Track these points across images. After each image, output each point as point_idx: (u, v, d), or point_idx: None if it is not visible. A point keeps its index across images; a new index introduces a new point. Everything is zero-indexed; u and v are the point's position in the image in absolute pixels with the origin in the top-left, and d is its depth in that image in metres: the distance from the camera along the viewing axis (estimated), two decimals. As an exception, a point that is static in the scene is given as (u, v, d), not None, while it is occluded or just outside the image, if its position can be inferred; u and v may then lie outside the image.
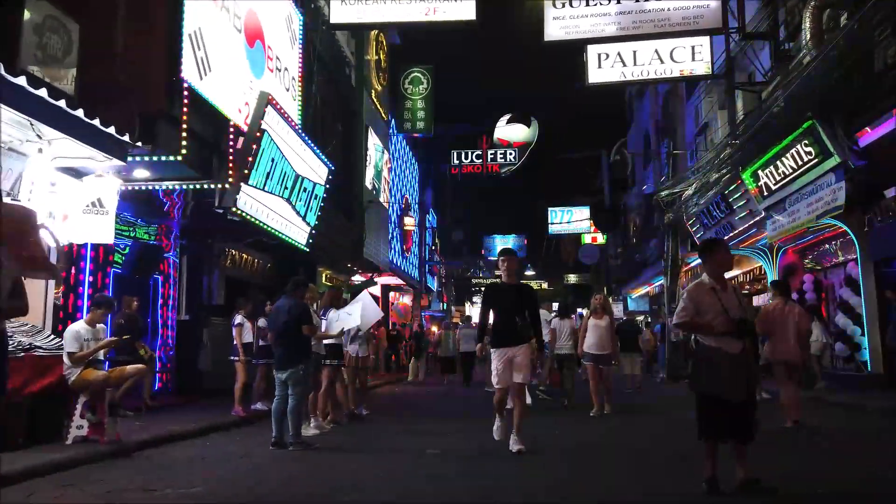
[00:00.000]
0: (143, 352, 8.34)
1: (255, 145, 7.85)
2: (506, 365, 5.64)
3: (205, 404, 9.50)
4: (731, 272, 17.01)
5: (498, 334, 5.78)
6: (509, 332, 5.71)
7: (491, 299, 5.98)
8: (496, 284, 6.15)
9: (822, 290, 13.12)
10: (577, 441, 6.48)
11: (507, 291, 5.85)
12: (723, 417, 3.97)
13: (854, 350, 11.58)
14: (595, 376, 8.42)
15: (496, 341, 5.77)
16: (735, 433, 3.98)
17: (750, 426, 4.00)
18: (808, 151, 9.79)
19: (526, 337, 5.73)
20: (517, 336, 5.71)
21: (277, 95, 9.20)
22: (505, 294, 5.84)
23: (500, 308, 5.81)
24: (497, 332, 5.80)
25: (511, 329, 5.71)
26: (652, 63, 13.22)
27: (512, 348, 5.67)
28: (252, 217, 8.24)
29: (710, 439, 4.04)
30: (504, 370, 5.66)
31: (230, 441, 6.89)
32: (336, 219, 14.49)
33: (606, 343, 8.53)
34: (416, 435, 7.11)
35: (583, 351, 8.65)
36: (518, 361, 5.62)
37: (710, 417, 4.01)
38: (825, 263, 12.92)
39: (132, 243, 10.32)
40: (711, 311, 4.05)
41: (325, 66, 13.71)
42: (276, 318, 6.08)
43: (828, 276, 13.05)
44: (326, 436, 7.03)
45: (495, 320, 5.86)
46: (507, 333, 5.72)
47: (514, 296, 5.81)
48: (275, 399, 6.15)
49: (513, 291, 5.84)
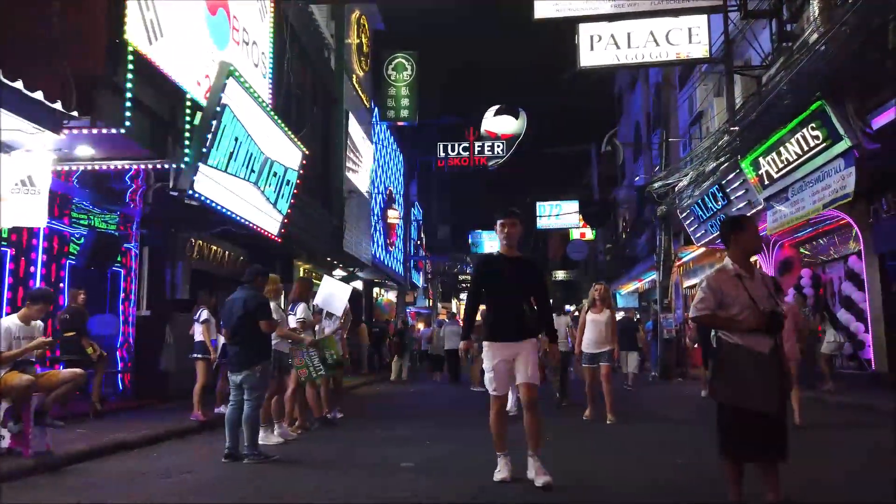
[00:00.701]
0: (90, 350, 7.54)
1: (214, 121, 7.06)
2: (504, 366, 4.30)
3: (165, 408, 8.76)
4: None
5: (494, 325, 4.39)
6: (509, 321, 4.33)
7: (483, 278, 4.52)
8: (491, 258, 4.70)
9: (821, 286, 12.60)
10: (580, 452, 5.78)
11: (507, 267, 4.40)
12: (750, 432, 3.28)
13: (858, 348, 11.06)
14: (592, 378, 7.56)
15: (491, 333, 4.37)
16: (765, 452, 3.30)
17: (784, 442, 3.32)
18: (815, 136, 9.17)
19: (533, 329, 4.41)
20: (520, 328, 4.32)
21: (244, 70, 8.41)
22: (503, 271, 4.40)
23: (496, 290, 4.43)
24: (492, 322, 4.42)
25: (511, 318, 4.33)
26: (647, 46, 12.55)
27: (513, 344, 4.29)
28: (213, 201, 7.43)
29: (734, 459, 3.35)
30: (502, 372, 4.31)
31: (182, 451, 6.14)
32: (314, 209, 13.70)
33: (606, 340, 7.54)
34: (392, 444, 6.39)
35: (580, 350, 7.65)
36: (522, 354, 4.29)
37: (735, 432, 3.32)
38: (825, 257, 12.39)
39: (88, 232, 9.54)
40: (737, 303, 3.37)
41: (302, 47, 12.90)
42: (230, 313, 5.32)
43: (826, 271, 12.53)
44: (291, 445, 6.29)
45: (489, 307, 4.53)
46: (506, 324, 4.33)
47: (516, 273, 4.39)
48: (229, 405, 5.40)
49: (514, 267, 4.41)
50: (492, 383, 4.36)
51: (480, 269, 4.67)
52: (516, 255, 4.52)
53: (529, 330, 4.38)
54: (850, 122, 8.36)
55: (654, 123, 21.05)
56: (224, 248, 11.75)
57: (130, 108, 6.01)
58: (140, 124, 6.60)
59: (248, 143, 8.11)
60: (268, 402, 6.37)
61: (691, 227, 14.93)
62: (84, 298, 7.85)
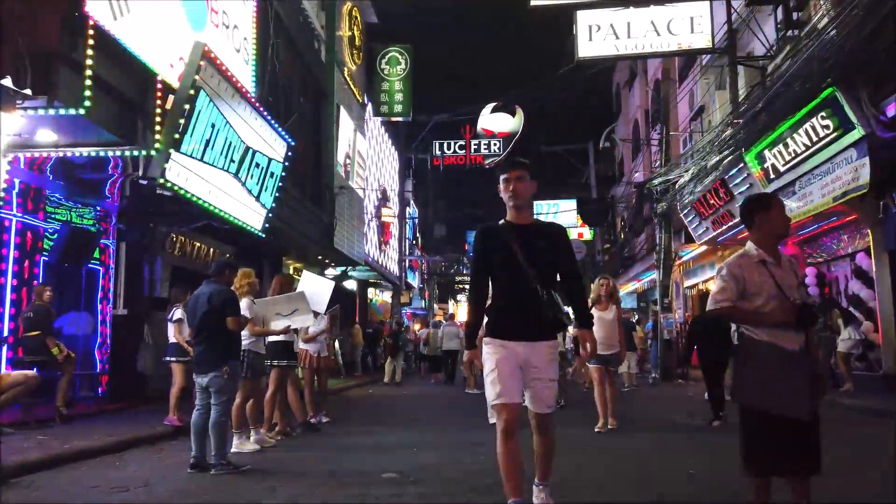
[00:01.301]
0: (56, 350, 7.05)
1: (187, 105, 6.59)
2: (513, 368, 3.11)
3: (142, 412, 8.28)
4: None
5: (500, 318, 3.19)
6: (520, 315, 3.14)
7: (485, 257, 3.27)
8: (493, 228, 3.31)
9: (826, 284, 12.18)
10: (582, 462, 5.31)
11: (516, 239, 3.17)
12: (778, 441, 2.82)
13: (867, 348, 10.64)
14: (602, 382, 6.78)
15: (496, 328, 3.18)
16: (795, 464, 2.84)
17: (817, 453, 2.86)
18: (826, 125, 8.73)
19: (554, 326, 3.19)
20: (536, 324, 3.14)
21: (224, 54, 7.95)
22: (511, 244, 3.15)
23: (502, 271, 3.20)
24: (498, 315, 3.21)
25: (523, 310, 3.14)
26: (647, 36, 12.15)
27: (525, 344, 3.13)
28: (186, 191, 6.96)
29: (759, 473, 2.89)
30: (510, 376, 3.10)
31: (149, 460, 5.66)
32: (303, 205, 13.23)
33: (614, 340, 6.84)
34: (377, 450, 5.92)
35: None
36: (536, 365, 3.13)
37: (761, 442, 2.86)
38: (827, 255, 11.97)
39: (61, 227, 9.07)
40: (762, 294, 2.91)
41: (290, 37, 12.43)
42: (194, 310, 4.85)
43: (832, 269, 12.11)
44: (267, 452, 5.82)
45: (496, 294, 3.25)
46: (516, 318, 3.15)
47: (530, 246, 3.16)
48: (195, 410, 4.92)
49: (526, 238, 3.18)
50: (495, 386, 3.07)
51: (480, 244, 3.30)
52: (529, 220, 3.27)
53: (549, 327, 3.17)
54: (864, 109, 7.93)
55: (652, 120, 20.65)
56: (208, 244, 11.28)
57: (91, 86, 5.53)
58: (105, 107, 6.13)
59: (227, 130, 7.64)
60: (242, 406, 5.92)
61: (692, 224, 14.51)
62: (50, 295, 7.36)
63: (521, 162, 3.32)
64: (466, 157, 24.78)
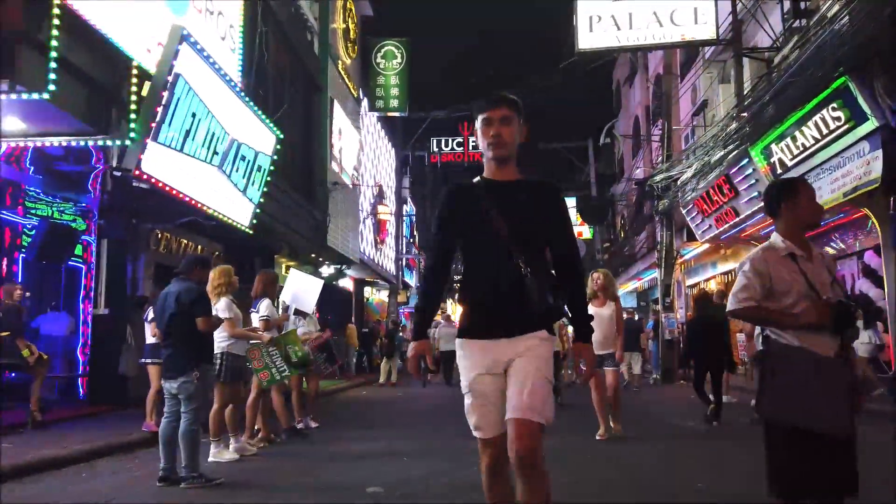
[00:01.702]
0: (27, 352, 6.67)
1: (165, 92, 6.21)
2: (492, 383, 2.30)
3: (122, 416, 7.93)
4: (728, 265, 16.05)
5: (472, 308, 2.40)
6: (498, 301, 2.32)
7: (451, 223, 2.45)
8: (465, 187, 2.48)
9: (834, 283, 11.84)
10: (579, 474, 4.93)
11: (495, 200, 2.35)
12: (811, 461, 2.45)
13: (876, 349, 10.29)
14: (599, 385, 6.27)
15: (469, 325, 2.38)
16: (830, 486, 2.47)
17: (853, 471, 2.50)
18: (837, 117, 8.35)
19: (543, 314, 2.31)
20: (519, 312, 2.28)
21: (208, 42, 7.57)
22: (487, 207, 2.34)
23: (475, 243, 2.40)
24: (470, 304, 2.41)
25: (503, 294, 2.30)
26: (649, 27, 11.77)
27: (508, 342, 2.29)
28: (165, 184, 6.58)
29: (789, 496, 2.52)
30: (492, 399, 2.30)
31: (120, 470, 5.30)
32: (294, 201, 12.85)
33: (610, 338, 6.30)
34: (365, 460, 5.56)
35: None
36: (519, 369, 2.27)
37: (790, 461, 2.49)
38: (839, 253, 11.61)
39: (39, 223, 8.72)
40: (791, 292, 2.54)
41: (281, 28, 12.04)
42: (162, 309, 4.47)
43: (839, 268, 11.76)
44: (246, 462, 5.45)
45: (468, 277, 2.41)
46: (494, 306, 2.33)
47: (513, 209, 2.34)
48: (163, 418, 4.55)
49: (509, 199, 2.36)
50: (471, 413, 2.32)
51: (446, 209, 2.44)
52: (514, 176, 2.42)
53: (536, 315, 2.28)
54: (878, 99, 7.55)
55: (653, 116, 20.28)
56: (195, 241, 10.88)
57: (56, 69, 5.15)
58: (75, 93, 5.76)
59: (210, 120, 7.26)
60: (221, 413, 5.55)
61: (695, 222, 14.14)
62: (21, 294, 6.99)
63: (508, 98, 2.43)
64: (464, 155, 24.46)
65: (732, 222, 12.53)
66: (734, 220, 12.37)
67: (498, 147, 2.37)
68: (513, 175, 2.44)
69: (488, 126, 2.39)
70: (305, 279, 7.05)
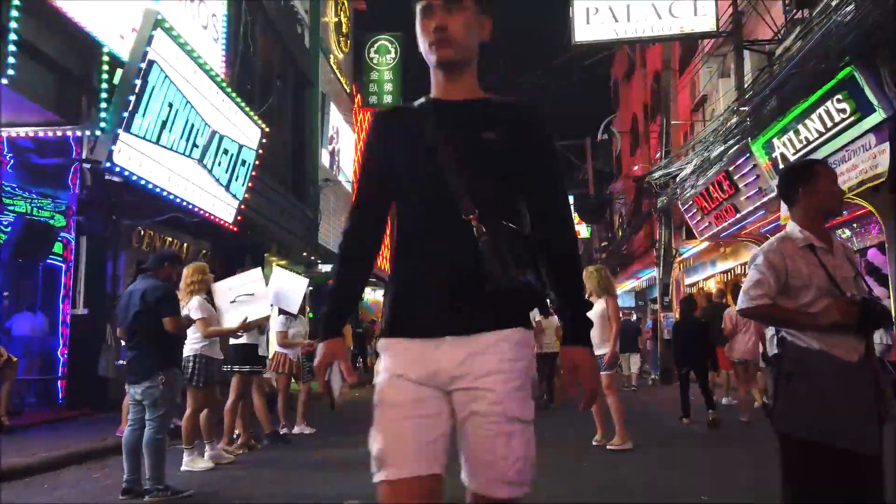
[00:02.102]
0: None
1: (138, 80, 5.89)
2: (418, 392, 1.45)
3: (98, 420, 7.63)
4: (728, 263, 15.80)
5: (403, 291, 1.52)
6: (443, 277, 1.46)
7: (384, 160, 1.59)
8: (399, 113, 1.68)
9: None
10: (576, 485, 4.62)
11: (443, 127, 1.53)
12: (833, 479, 2.15)
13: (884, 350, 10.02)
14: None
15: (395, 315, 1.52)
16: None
17: (880, 489, 2.20)
18: (842, 108, 8.06)
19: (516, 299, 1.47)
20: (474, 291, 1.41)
21: (189, 30, 7.26)
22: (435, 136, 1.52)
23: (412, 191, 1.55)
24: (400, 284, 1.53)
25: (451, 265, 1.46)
26: (648, 19, 11.47)
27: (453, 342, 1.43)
28: (139, 177, 6.26)
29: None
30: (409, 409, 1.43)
31: (86, 480, 5.02)
32: (284, 198, 12.54)
33: (605, 339, 5.70)
34: (346, 468, 5.23)
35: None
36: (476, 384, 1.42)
37: (810, 479, 2.19)
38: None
39: (15, 219, 8.38)
40: (810, 288, 2.24)
41: (269, 19, 11.71)
42: (126, 308, 4.16)
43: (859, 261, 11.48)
44: (222, 470, 5.15)
45: (399, 236, 1.55)
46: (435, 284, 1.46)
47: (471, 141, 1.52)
48: (127, 425, 4.24)
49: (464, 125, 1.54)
50: (375, 440, 1.46)
51: (373, 142, 1.64)
52: (473, 94, 1.62)
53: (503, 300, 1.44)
54: (885, 90, 7.26)
55: (652, 113, 20.01)
56: (180, 239, 10.56)
57: (15, 52, 4.82)
58: (41, 80, 5.45)
59: (188, 111, 6.94)
60: (194, 418, 5.24)
61: (694, 219, 13.86)
62: None
63: None
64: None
65: (732, 219, 12.24)
66: (734, 218, 12.09)
67: (442, 45, 1.53)
68: (471, 92, 1.60)
69: (429, 17, 1.54)
70: (290, 278, 6.75)
